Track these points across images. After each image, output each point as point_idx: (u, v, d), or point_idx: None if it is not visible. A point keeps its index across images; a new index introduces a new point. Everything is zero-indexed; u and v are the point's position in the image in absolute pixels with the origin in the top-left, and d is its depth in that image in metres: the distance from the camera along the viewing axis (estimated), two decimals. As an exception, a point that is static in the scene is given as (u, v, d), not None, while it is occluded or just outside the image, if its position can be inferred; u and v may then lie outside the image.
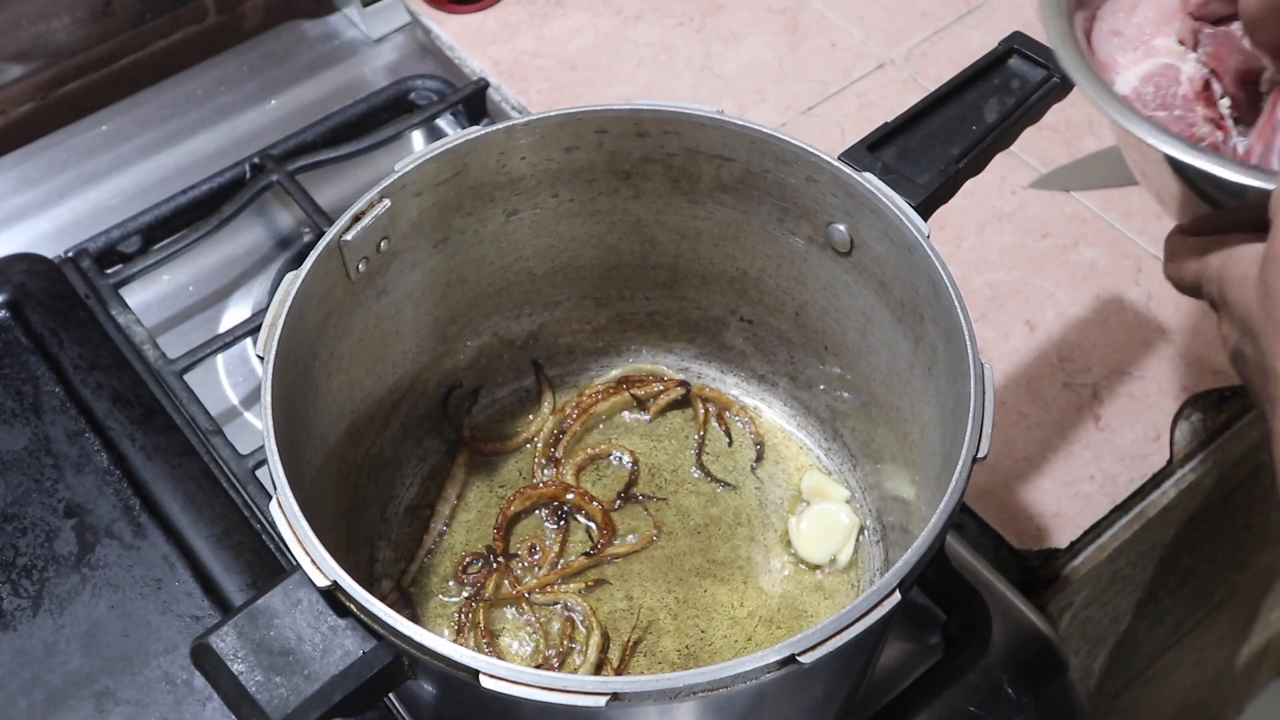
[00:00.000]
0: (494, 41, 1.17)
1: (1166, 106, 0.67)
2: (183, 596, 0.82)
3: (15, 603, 0.82)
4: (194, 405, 0.91)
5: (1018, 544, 0.88)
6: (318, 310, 0.72)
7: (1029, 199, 1.06)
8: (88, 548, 0.84)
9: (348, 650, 0.60)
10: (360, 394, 0.79)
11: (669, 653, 0.79)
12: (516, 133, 0.76)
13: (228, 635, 0.60)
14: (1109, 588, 1.01)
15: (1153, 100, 0.67)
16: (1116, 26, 0.71)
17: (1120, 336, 0.98)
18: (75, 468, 0.88)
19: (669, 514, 0.85)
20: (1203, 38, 0.70)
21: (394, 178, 0.73)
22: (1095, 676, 1.15)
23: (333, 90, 1.15)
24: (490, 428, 0.89)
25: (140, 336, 0.95)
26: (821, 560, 0.82)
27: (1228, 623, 1.42)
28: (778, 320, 0.85)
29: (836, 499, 0.84)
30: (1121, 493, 0.91)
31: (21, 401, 0.90)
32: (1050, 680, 0.84)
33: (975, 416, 0.64)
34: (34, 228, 1.06)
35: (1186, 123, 0.67)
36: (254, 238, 1.07)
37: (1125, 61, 0.69)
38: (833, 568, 0.82)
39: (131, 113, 1.13)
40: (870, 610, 0.58)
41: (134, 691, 0.79)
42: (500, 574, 0.81)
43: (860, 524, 0.84)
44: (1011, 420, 0.93)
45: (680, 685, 0.56)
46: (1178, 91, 0.68)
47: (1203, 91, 0.69)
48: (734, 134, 0.76)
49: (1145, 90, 0.68)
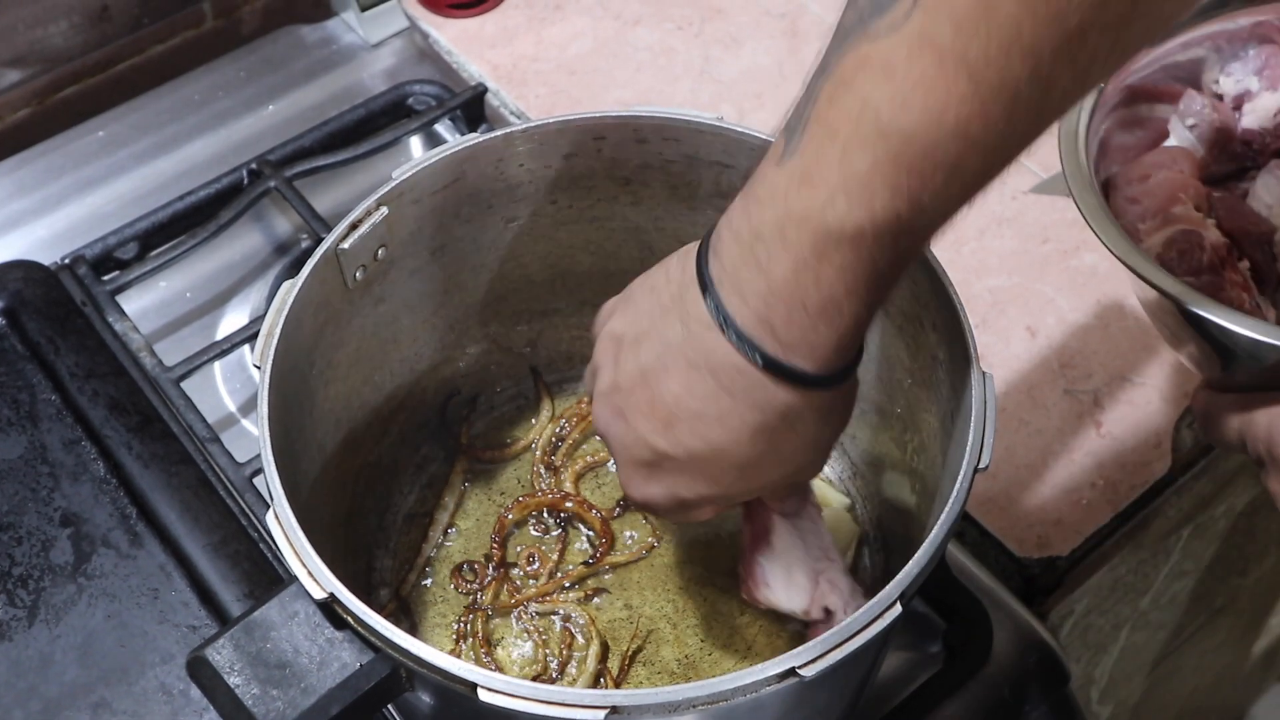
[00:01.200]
0: (492, 46, 1.17)
1: (1194, 272, 0.68)
2: (179, 606, 0.82)
3: (11, 613, 0.82)
4: (191, 413, 0.91)
5: (1019, 552, 0.88)
6: (315, 319, 0.71)
7: (1029, 204, 1.06)
8: (84, 557, 0.84)
9: (345, 663, 0.60)
10: (358, 402, 0.79)
11: (669, 662, 0.79)
12: (515, 140, 0.76)
13: (224, 648, 0.60)
14: (1110, 595, 1.00)
15: (1179, 266, 0.68)
16: (1133, 195, 0.72)
17: (1122, 343, 0.97)
18: (71, 476, 0.87)
19: (668, 522, 0.84)
20: (1214, 202, 0.71)
21: (391, 185, 0.73)
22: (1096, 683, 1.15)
23: (330, 95, 1.15)
24: (489, 435, 0.88)
25: (137, 344, 0.95)
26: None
27: (1229, 628, 1.41)
28: (777, 327, 0.84)
29: (836, 506, 0.84)
30: (1123, 500, 0.90)
31: (17, 409, 0.90)
32: (1052, 689, 0.83)
33: (977, 427, 0.64)
34: (30, 234, 1.05)
35: (1216, 287, 0.68)
36: (251, 244, 1.06)
37: (1145, 229, 0.70)
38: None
39: (129, 118, 1.13)
40: (871, 623, 0.58)
41: (130, 702, 0.79)
42: (499, 583, 0.81)
43: (861, 531, 0.83)
44: (1012, 427, 0.93)
45: (679, 698, 0.56)
46: (1203, 258, 0.69)
47: (1227, 256, 0.70)
48: (733, 141, 0.75)
49: (1170, 257, 0.69)
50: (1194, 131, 0.74)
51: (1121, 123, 0.75)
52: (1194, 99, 0.75)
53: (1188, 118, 0.75)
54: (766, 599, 0.77)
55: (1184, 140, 0.74)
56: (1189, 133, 0.74)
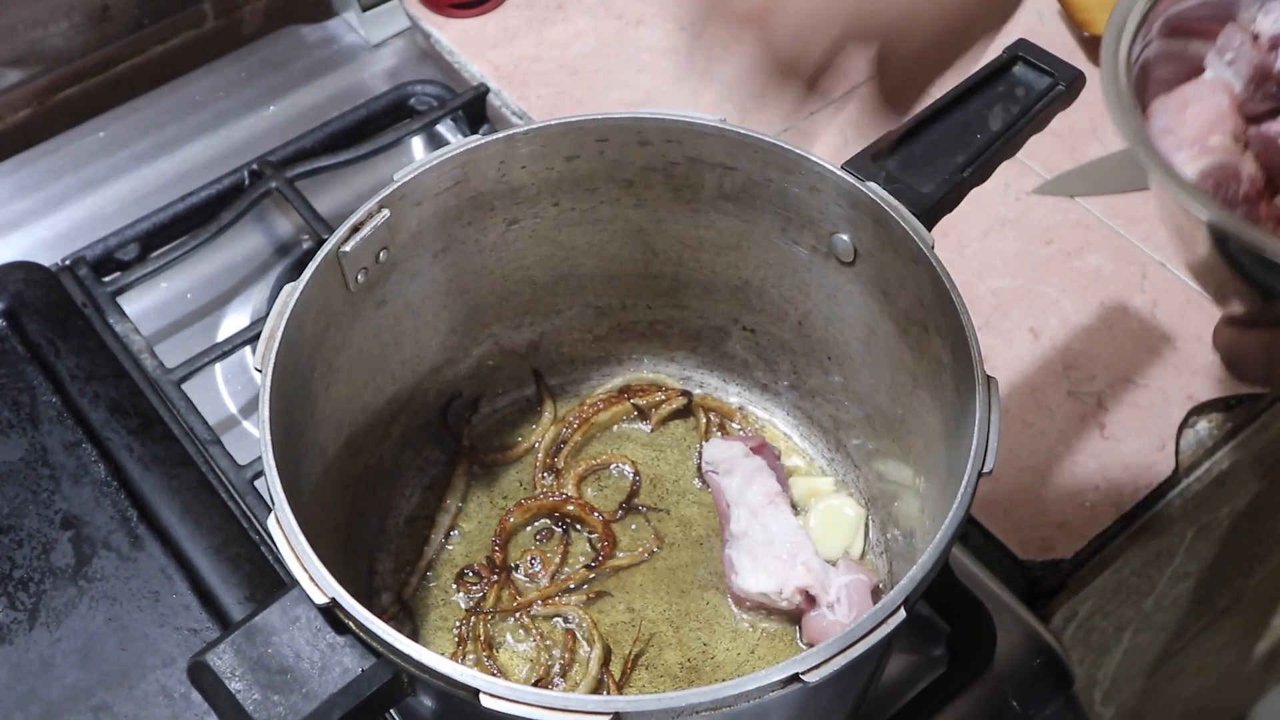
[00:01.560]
0: (494, 46, 1.16)
1: (1230, 204, 0.68)
2: (180, 609, 0.82)
3: (11, 615, 0.81)
4: (192, 415, 0.90)
5: (1022, 554, 0.88)
6: (316, 322, 0.71)
7: (1033, 205, 1.05)
8: (85, 559, 0.84)
9: (346, 668, 0.59)
10: (359, 405, 0.79)
11: (671, 666, 0.78)
12: (517, 142, 0.75)
13: (225, 653, 0.59)
14: (1114, 597, 1.00)
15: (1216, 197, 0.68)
16: (1169, 125, 0.71)
17: (1125, 344, 0.97)
18: (72, 478, 0.87)
19: (671, 525, 0.84)
20: (1251, 137, 0.71)
21: (393, 187, 0.72)
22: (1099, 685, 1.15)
23: (332, 96, 1.15)
24: (491, 438, 0.88)
25: (138, 345, 0.95)
26: (835, 555, 0.81)
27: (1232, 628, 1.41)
28: (780, 330, 0.84)
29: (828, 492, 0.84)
30: (1127, 502, 0.90)
31: (18, 411, 0.90)
32: (1056, 692, 0.83)
33: (981, 431, 0.64)
34: (31, 235, 1.05)
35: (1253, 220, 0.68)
36: (252, 245, 1.06)
37: (1182, 159, 0.70)
38: (846, 560, 0.81)
39: (129, 119, 1.12)
40: (875, 628, 0.58)
41: (131, 706, 0.78)
42: (501, 586, 0.81)
43: (865, 514, 0.83)
44: (1016, 429, 0.93)
45: (682, 704, 0.56)
46: (1239, 189, 0.68)
47: (1265, 189, 0.69)
48: (737, 142, 0.75)
49: (1205, 187, 0.68)
50: (1232, 67, 0.74)
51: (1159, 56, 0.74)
52: (1233, 34, 0.73)
53: (1226, 52, 0.73)
54: (737, 586, 0.79)
55: (1222, 74, 0.73)
56: (1227, 68, 0.74)
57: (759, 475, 0.82)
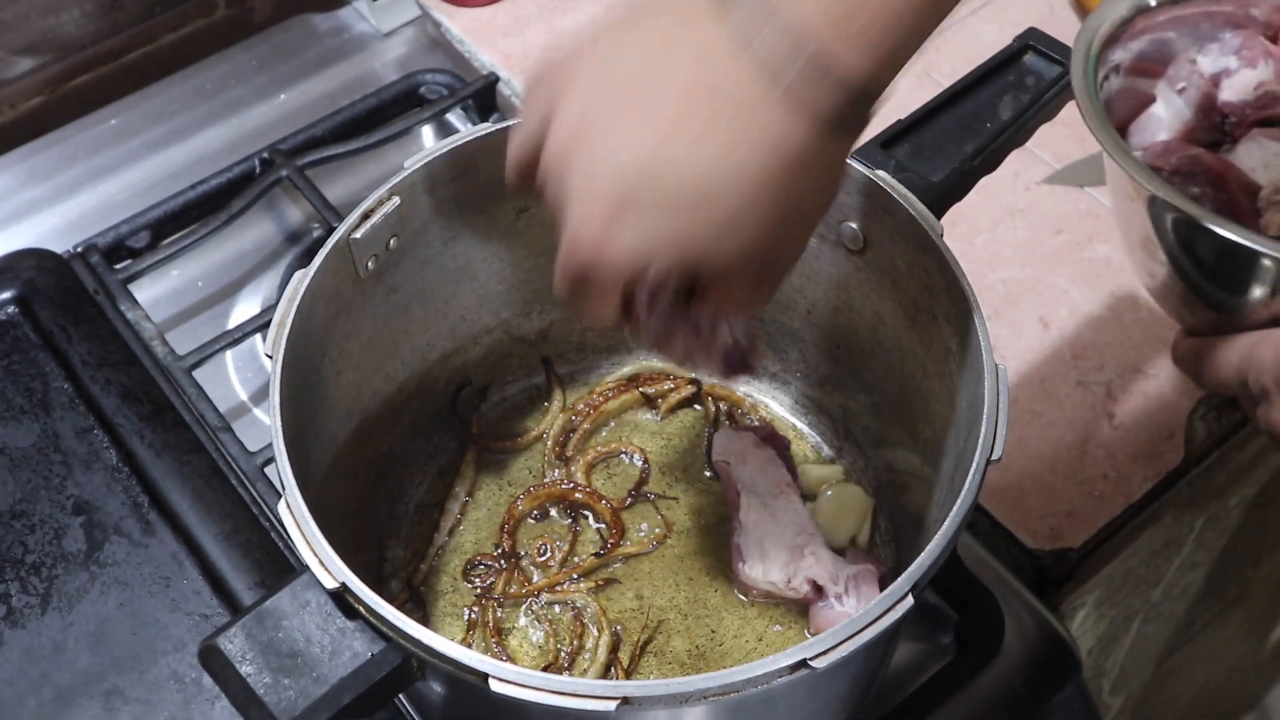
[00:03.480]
0: (504, 35, 1.16)
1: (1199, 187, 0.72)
2: (191, 595, 0.82)
3: (24, 600, 0.82)
4: (203, 402, 0.91)
5: (1030, 543, 0.88)
6: (326, 309, 0.71)
7: (1042, 194, 1.05)
8: (96, 545, 0.84)
9: (356, 652, 0.60)
10: (369, 392, 0.79)
11: (679, 653, 0.78)
12: (527, 129, 0.75)
13: (236, 637, 0.60)
14: (1122, 587, 1.00)
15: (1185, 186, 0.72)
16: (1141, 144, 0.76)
17: (1134, 334, 0.97)
18: (84, 465, 0.87)
19: (679, 513, 0.84)
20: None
21: (403, 175, 0.73)
22: (1108, 675, 1.15)
23: (342, 84, 1.15)
24: (500, 425, 0.88)
25: (149, 332, 0.95)
26: (843, 542, 0.81)
27: (1241, 619, 1.41)
28: (789, 318, 0.84)
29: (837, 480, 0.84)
30: (1135, 492, 0.90)
31: (30, 398, 0.90)
32: (1064, 680, 0.83)
33: (989, 419, 0.64)
34: (43, 223, 1.05)
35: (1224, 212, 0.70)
36: (263, 233, 1.07)
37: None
38: (854, 550, 0.81)
39: (140, 107, 1.13)
40: (883, 615, 0.58)
41: (142, 690, 0.79)
42: (510, 573, 0.81)
43: (874, 503, 0.83)
44: (1024, 418, 0.93)
45: (691, 690, 0.56)
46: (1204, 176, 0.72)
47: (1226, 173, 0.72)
48: (746, 131, 0.75)
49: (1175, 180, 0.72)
50: (1183, 96, 0.75)
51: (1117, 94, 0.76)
52: (1182, 65, 0.75)
53: (1177, 82, 0.75)
54: (746, 576, 0.79)
55: (1172, 104, 0.75)
56: (1178, 97, 0.75)
57: (770, 465, 0.82)
